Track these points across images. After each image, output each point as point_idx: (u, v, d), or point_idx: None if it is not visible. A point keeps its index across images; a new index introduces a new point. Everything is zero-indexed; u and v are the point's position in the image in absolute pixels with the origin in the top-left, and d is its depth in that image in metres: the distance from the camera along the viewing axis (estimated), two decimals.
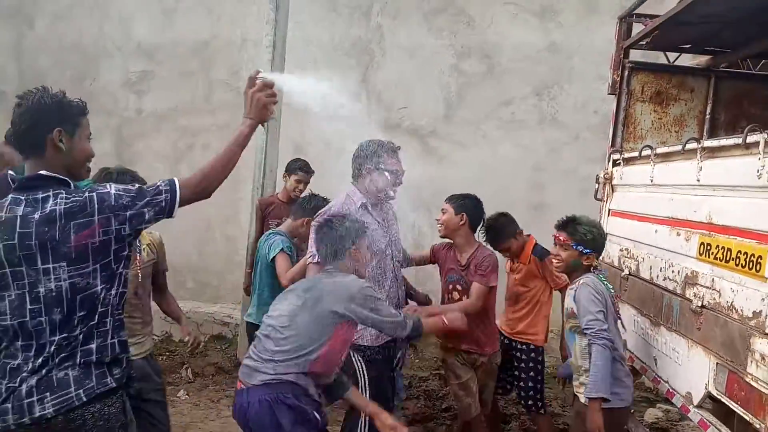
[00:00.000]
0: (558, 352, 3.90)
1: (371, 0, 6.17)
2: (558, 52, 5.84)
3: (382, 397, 2.81)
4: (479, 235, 3.42)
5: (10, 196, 1.85)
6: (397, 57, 6.13)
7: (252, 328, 3.56)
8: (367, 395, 2.76)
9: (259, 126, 2.14)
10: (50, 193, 1.80)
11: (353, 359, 2.85)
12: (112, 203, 1.82)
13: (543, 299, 3.52)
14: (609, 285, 2.81)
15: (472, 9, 5.98)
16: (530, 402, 3.49)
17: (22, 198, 1.81)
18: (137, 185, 1.93)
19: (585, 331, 2.66)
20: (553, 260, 2.93)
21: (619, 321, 2.85)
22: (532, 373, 3.49)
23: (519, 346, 3.52)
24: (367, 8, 6.18)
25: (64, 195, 1.81)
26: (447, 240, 3.42)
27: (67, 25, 6.76)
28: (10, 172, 2.81)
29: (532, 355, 3.49)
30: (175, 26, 6.49)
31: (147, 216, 1.88)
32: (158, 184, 1.92)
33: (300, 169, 4.48)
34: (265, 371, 2.32)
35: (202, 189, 1.96)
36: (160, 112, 6.51)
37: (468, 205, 3.31)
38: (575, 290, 2.76)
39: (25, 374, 1.77)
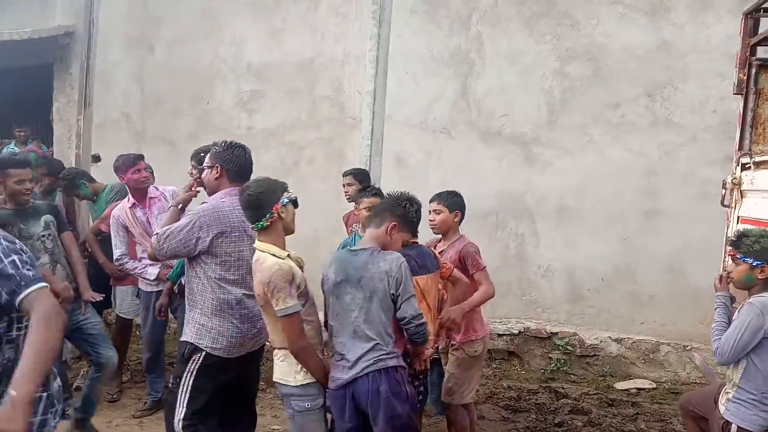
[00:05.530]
0: None
1: (470, 9, 6.15)
2: (670, 50, 5.54)
3: None
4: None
5: None
6: (497, 64, 6.06)
7: None
8: None
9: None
10: None
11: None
12: None
13: None
14: None
15: (576, 11, 5.82)
16: None
17: None
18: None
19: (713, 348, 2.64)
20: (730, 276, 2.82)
21: None
22: None
23: None
24: (467, 17, 6.17)
25: None
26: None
27: (184, 49, 7.27)
28: None
29: None
30: (282, 46, 6.80)
31: None
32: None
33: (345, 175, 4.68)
34: None
35: None
36: (269, 129, 6.84)
37: (460, 202, 3.51)
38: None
39: None
